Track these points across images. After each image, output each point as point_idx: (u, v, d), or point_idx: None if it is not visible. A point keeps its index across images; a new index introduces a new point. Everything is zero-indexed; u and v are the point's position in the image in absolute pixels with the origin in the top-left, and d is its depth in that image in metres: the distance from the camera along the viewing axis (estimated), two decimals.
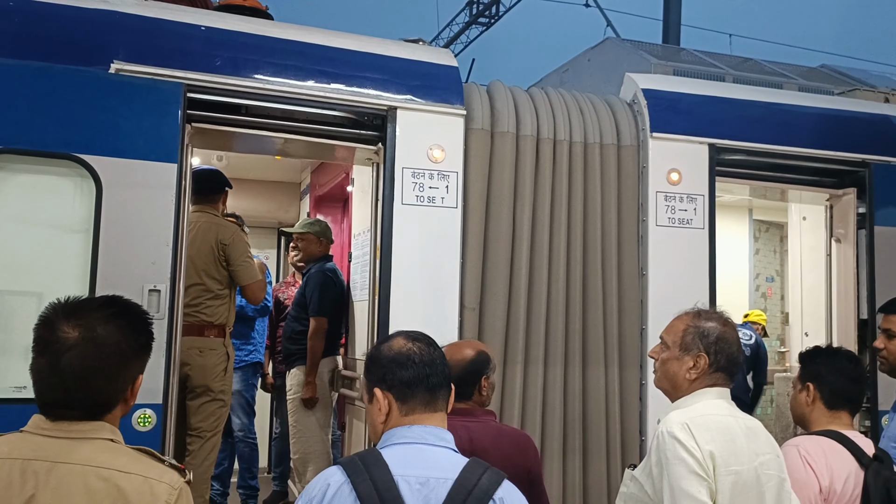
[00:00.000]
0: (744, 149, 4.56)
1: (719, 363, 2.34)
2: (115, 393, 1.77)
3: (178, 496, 1.70)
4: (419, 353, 1.91)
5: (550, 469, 4.01)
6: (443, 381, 1.92)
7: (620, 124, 4.40)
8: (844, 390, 2.75)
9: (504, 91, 4.28)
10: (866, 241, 4.64)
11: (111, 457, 1.71)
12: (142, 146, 3.41)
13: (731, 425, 2.26)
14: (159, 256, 3.39)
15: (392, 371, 1.88)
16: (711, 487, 2.14)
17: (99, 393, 1.74)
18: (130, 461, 1.72)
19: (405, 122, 3.91)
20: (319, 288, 5.01)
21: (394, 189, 3.85)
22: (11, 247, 3.30)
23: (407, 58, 4.10)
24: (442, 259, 3.91)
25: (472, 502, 1.72)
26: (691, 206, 4.36)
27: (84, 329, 1.73)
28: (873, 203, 4.62)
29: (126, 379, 1.79)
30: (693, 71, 6.08)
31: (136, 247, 3.36)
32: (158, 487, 1.69)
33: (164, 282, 3.38)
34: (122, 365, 1.77)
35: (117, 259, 3.33)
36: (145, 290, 3.34)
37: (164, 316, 3.36)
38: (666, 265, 4.29)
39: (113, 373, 1.75)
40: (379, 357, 1.93)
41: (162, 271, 3.39)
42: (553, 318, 4.11)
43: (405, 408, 1.87)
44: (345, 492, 1.72)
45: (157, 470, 1.73)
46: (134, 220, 3.37)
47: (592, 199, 4.26)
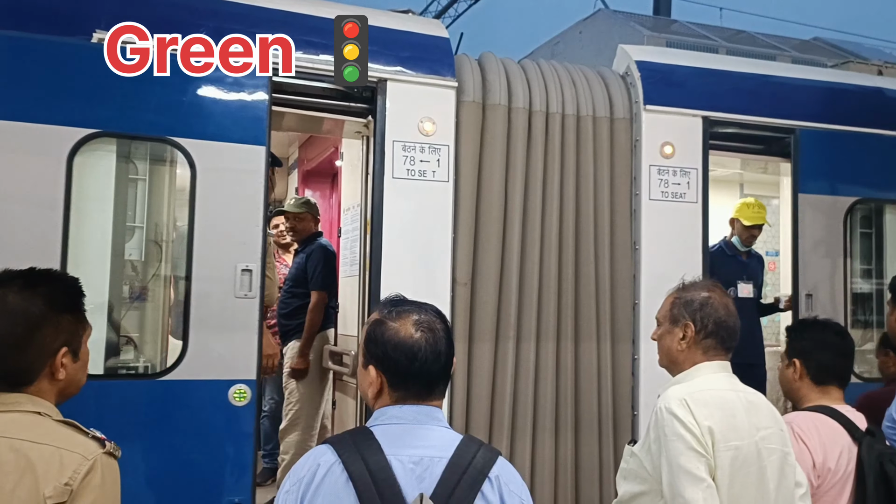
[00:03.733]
0: (738, 121, 4.51)
1: (707, 329, 2.32)
2: (28, 364, 1.73)
3: (90, 467, 1.64)
4: (425, 347, 1.78)
5: (542, 444, 4.00)
6: (442, 376, 1.82)
7: (613, 97, 4.34)
8: (832, 366, 2.72)
9: (496, 63, 4.21)
10: (791, 209, 4.59)
11: (26, 428, 1.67)
12: (232, 129, 3.50)
13: (731, 399, 2.23)
14: (250, 237, 3.48)
15: (392, 359, 1.77)
16: (710, 464, 2.12)
17: (6, 363, 1.70)
18: (46, 432, 1.67)
19: (395, 95, 3.84)
20: (323, 262, 5.05)
21: (384, 163, 3.79)
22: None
23: (397, 28, 4.01)
24: (433, 234, 3.86)
25: (467, 481, 1.67)
26: (685, 180, 4.32)
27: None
28: (798, 170, 4.56)
29: (39, 349, 1.73)
30: (686, 43, 6.04)
31: (228, 227, 3.46)
32: (69, 457, 1.63)
33: (255, 261, 3.46)
34: (30, 335, 1.72)
35: (211, 239, 3.43)
36: (238, 270, 3.44)
37: (255, 295, 3.45)
38: (659, 239, 4.26)
39: (20, 342, 1.70)
40: (382, 338, 1.79)
41: (253, 251, 3.47)
42: (545, 292, 4.08)
43: (396, 395, 1.78)
44: (336, 472, 1.66)
45: (71, 441, 1.68)
46: (226, 202, 3.47)
47: (585, 173, 4.21)
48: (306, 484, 1.68)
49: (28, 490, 1.59)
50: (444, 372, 1.83)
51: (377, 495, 1.63)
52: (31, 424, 1.68)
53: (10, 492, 1.58)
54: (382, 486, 1.64)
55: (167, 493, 3.30)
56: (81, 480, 1.62)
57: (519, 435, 3.97)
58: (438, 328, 1.82)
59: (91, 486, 1.62)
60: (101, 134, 3.37)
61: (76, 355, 1.82)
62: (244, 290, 3.42)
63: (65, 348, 1.78)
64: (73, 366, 1.81)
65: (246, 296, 3.44)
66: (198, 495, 3.34)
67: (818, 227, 4.59)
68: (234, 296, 3.44)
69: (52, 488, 1.59)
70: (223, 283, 3.44)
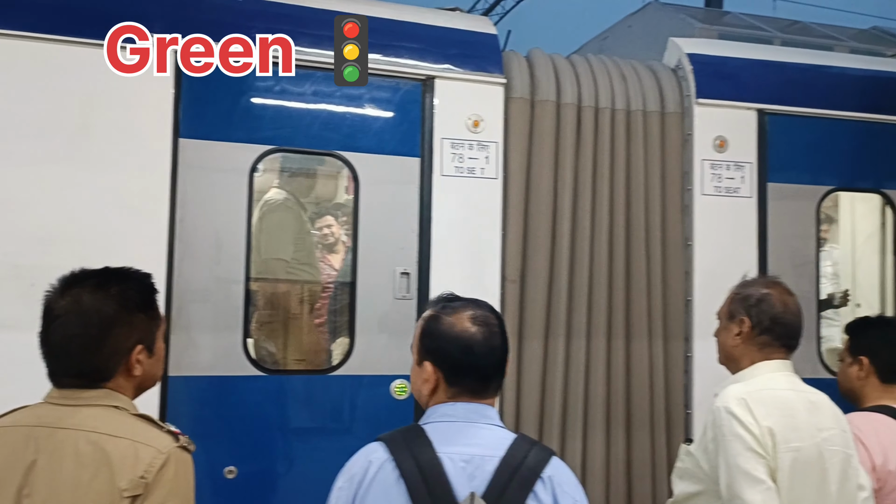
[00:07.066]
0: (794, 114, 4.40)
1: (762, 325, 2.28)
2: (104, 361, 1.76)
3: (164, 461, 1.66)
4: (481, 341, 1.78)
5: (594, 442, 3.96)
6: (496, 371, 1.81)
7: (664, 90, 4.27)
8: None
9: (544, 58, 4.18)
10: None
11: (105, 422, 1.70)
12: (389, 142, 3.78)
13: (792, 399, 2.18)
14: (407, 242, 3.73)
15: (447, 353, 1.78)
16: (770, 465, 2.07)
17: (84, 362, 1.74)
18: (123, 426, 1.70)
19: (444, 92, 3.84)
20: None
21: (433, 160, 3.80)
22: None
23: (444, 26, 4.02)
24: (482, 230, 3.85)
25: (519, 480, 1.65)
26: (738, 174, 4.23)
27: (72, 299, 1.74)
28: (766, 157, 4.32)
29: (114, 348, 1.76)
30: (739, 34, 5.88)
31: (388, 233, 3.73)
32: (144, 451, 1.66)
33: (412, 265, 3.71)
34: (104, 335, 1.74)
35: (372, 245, 3.71)
36: (397, 273, 3.70)
37: (413, 296, 3.70)
38: (712, 235, 4.17)
39: (95, 342, 1.73)
40: (438, 332, 1.80)
41: (410, 256, 3.73)
42: (596, 289, 4.04)
43: (452, 390, 1.78)
44: (387, 469, 1.66)
45: (148, 434, 1.70)
46: (385, 209, 3.74)
47: (635, 168, 4.16)
48: (358, 481, 1.68)
49: (104, 482, 1.62)
50: (498, 367, 1.82)
51: (428, 494, 1.62)
52: (109, 418, 1.71)
53: (87, 484, 1.62)
54: (433, 484, 1.63)
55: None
56: (156, 474, 1.64)
57: (570, 433, 3.94)
58: (493, 323, 1.82)
59: (165, 479, 1.65)
60: (276, 150, 3.72)
61: (151, 351, 1.85)
62: (402, 291, 3.68)
63: (140, 346, 1.81)
64: (148, 361, 1.84)
65: (404, 297, 3.67)
66: None
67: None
68: (394, 297, 3.68)
69: (128, 481, 1.62)
70: (384, 286, 3.64)
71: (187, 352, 3.41)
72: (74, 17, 3.36)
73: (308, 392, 3.69)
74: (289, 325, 4.33)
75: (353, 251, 3.72)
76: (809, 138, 4.42)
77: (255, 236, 3.78)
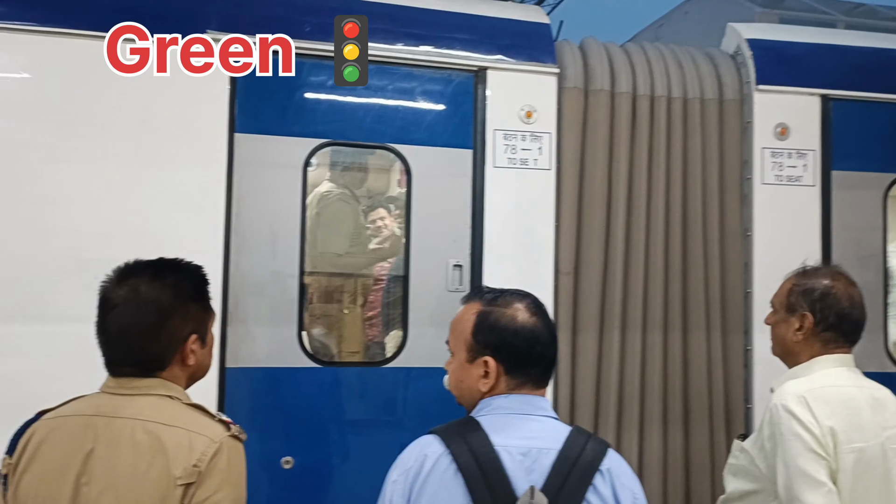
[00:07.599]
0: (860, 99, 4.24)
1: (827, 321, 2.18)
2: (160, 350, 1.79)
3: (217, 449, 1.69)
4: (543, 332, 1.78)
5: (650, 438, 3.90)
6: (555, 360, 1.81)
7: (723, 77, 4.16)
8: None
9: (598, 47, 4.12)
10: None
11: (160, 411, 1.73)
12: (442, 135, 3.79)
13: (855, 396, 2.09)
14: (459, 235, 3.73)
15: (512, 346, 1.76)
16: (832, 466, 1.99)
17: (141, 351, 1.77)
18: (177, 415, 1.73)
19: (496, 83, 3.82)
20: None
21: (485, 152, 3.78)
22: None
23: (496, 16, 3.99)
24: (535, 222, 3.82)
25: (578, 474, 1.63)
26: (801, 163, 4.10)
27: (129, 289, 1.77)
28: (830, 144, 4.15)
29: (170, 337, 1.80)
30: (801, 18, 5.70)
31: (440, 226, 3.75)
32: (197, 440, 1.69)
33: (465, 258, 3.72)
34: (161, 324, 1.78)
35: (425, 237, 3.73)
36: (449, 265, 3.72)
37: (466, 289, 3.68)
38: (773, 225, 4.05)
39: (152, 330, 1.77)
40: (497, 326, 1.78)
41: (462, 248, 3.73)
42: (652, 281, 3.97)
43: (514, 382, 1.76)
44: (444, 463, 1.65)
45: (201, 423, 1.73)
46: (437, 202, 3.75)
47: (692, 158, 4.07)
48: (414, 475, 1.67)
49: (160, 471, 1.66)
50: (556, 356, 1.83)
51: (486, 488, 1.60)
52: (164, 408, 1.75)
53: (144, 472, 1.66)
54: (491, 478, 1.61)
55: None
56: (209, 462, 1.67)
57: (626, 427, 3.88)
58: (545, 311, 1.83)
59: (218, 468, 1.68)
60: (329, 143, 3.77)
61: (203, 341, 1.89)
62: (455, 284, 3.68)
63: (194, 335, 1.85)
64: (201, 351, 1.88)
65: (457, 289, 3.68)
66: None
67: None
68: (447, 290, 3.69)
69: (182, 469, 1.65)
70: (436, 278, 3.67)
71: (244, 344, 3.47)
72: (130, 18, 3.41)
73: (362, 384, 3.74)
74: (343, 317, 4.38)
75: (405, 244, 3.75)
76: (876, 124, 4.26)
77: (311, 230, 3.82)
